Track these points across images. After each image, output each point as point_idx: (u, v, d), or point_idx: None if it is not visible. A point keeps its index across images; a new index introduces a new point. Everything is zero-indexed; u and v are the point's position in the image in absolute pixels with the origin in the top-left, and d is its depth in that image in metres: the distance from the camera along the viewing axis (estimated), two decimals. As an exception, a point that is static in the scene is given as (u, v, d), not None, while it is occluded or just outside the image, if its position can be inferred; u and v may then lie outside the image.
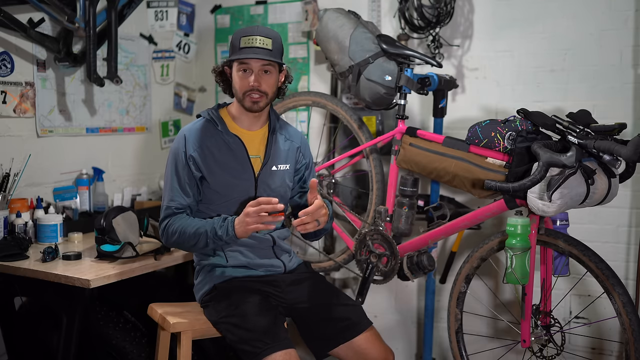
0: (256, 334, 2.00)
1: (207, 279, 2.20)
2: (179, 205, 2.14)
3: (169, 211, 2.15)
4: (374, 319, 2.71)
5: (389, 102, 2.61)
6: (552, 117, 2.21)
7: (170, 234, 2.12)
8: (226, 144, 2.17)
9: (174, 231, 2.11)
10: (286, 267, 2.26)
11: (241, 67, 2.12)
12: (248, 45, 2.09)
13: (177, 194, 2.15)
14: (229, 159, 2.16)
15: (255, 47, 2.09)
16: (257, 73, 2.11)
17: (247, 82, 2.11)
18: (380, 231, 2.56)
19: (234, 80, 2.16)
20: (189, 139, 2.16)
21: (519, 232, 2.24)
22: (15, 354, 2.65)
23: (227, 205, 2.17)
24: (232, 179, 2.16)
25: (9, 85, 2.74)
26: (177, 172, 2.16)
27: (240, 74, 2.12)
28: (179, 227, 2.10)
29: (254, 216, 1.97)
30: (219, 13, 3.64)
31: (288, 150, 2.27)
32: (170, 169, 2.17)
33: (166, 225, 2.14)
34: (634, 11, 2.69)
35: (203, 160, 2.14)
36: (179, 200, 2.14)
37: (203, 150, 2.15)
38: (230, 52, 2.15)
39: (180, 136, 2.19)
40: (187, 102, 3.72)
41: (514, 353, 2.64)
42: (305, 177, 2.34)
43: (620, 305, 2.18)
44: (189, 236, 2.09)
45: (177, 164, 2.16)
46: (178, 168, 2.16)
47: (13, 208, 2.64)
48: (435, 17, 2.88)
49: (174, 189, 2.15)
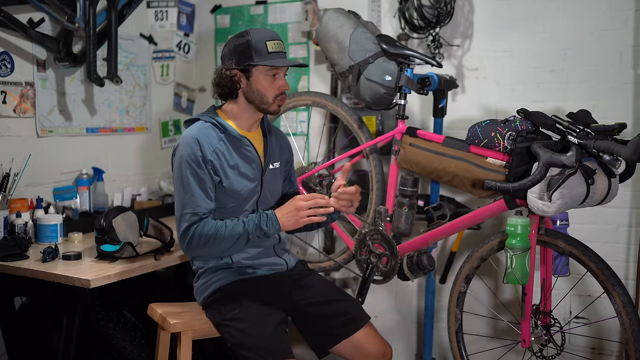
0: (258, 341, 2.02)
1: (211, 280, 2.20)
2: (205, 211, 2.08)
3: (195, 218, 2.06)
4: (374, 319, 2.70)
5: (389, 102, 2.61)
6: (552, 117, 2.21)
7: (203, 240, 2.05)
8: (235, 147, 2.17)
9: (206, 236, 2.05)
10: (288, 265, 2.30)
11: (271, 72, 2.14)
12: (277, 50, 2.13)
13: (201, 199, 2.08)
14: (240, 162, 2.17)
15: (283, 52, 2.15)
16: (283, 76, 2.18)
17: (275, 86, 2.15)
18: (380, 231, 2.56)
19: (260, 84, 2.13)
20: (203, 143, 2.09)
21: (519, 232, 2.24)
22: (15, 354, 2.65)
23: (237, 207, 2.17)
24: (245, 181, 2.17)
25: (9, 85, 2.74)
26: (197, 177, 2.08)
27: (269, 78, 2.14)
28: (210, 231, 2.05)
29: (305, 209, 2.05)
30: (219, 13, 3.64)
31: (279, 149, 2.33)
32: (186, 175, 2.08)
33: (193, 232, 2.05)
34: (634, 11, 2.69)
35: (219, 165, 2.12)
36: (204, 206, 2.08)
37: (218, 155, 2.12)
38: (254, 56, 2.10)
39: (192, 141, 2.09)
40: (187, 102, 3.72)
41: (514, 353, 2.64)
42: (291, 173, 2.42)
43: (620, 305, 2.18)
44: (224, 239, 2.05)
45: (196, 168, 2.08)
46: (198, 172, 2.08)
47: (13, 208, 2.64)
48: (435, 17, 2.88)
49: (197, 195, 2.07)
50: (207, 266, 2.22)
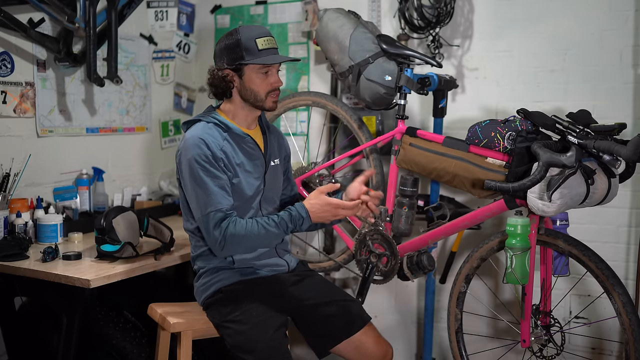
0: (258, 344, 2.02)
1: (212, 281, 2.19)
2: (227, 207, 2.04)
3: (220, 214, 2.02)
4: (374, 319, 2.70)
5: (389, 102, 2.60)
6: (552, 117, 2.21)
7: (234, 239, 2.01)
8: (239, 145, 2.17)
9: (237, 235, 2.01)
10: (289, 266, 2.29)
11: (263, 69, 2.13)
12: (267, 46, 2.12)
13: (221, 196, 2.04)
14: (244, 160, 2.17)
15: (274, 48, 2.14)
16: (275, 72, 2.17)
17: (268, 83, 2.14)
18: (380, 231, 2.56)
19: (253, 82, 2.13)
20: (210, 143, 2.07)
21: (519, 232, 2.24)
22: (15, 354, 2.65)
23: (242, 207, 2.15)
24: (251, 179, 2.17)
25: (9, 85, 2.74)
26: (212, 175, 2.05)
27: (261, 76, 2.14)
28: (242, 230, 2.02)
29: (346, 208, 2.08)
30: (219, 13, 3.64)
31: (277, 146, 2.34)
32: (199, 175, 2.04)
33: (224, 231, 2.01)
34: (634, 11, 2.69)
35: (228, 162, 2.11)
36: (225, 202, 2.04)
37: (225, 153, 2.11)
38: (244, 55, 2.10)
39: (197, 141, 2.07)
40: (187, 102, 3.72)
41: (514, 353, 2.64)
42: (289, 169, 2.43)
43: (620, 305, 2.18)
44: (257, 237, 2.03)
45: (209, 167, 2.05)
46: (211, 171, 2.05)
47: (13, 208, 2.64)
48: (435, 17, 2.88)
49: (215, 192, 2.03)
50: (209, 266, 2.21)
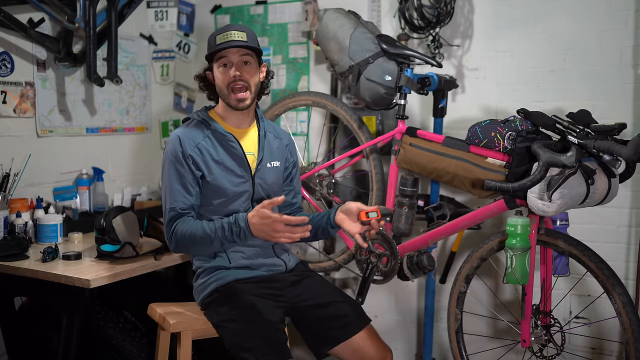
0: (255, 342, 2.01)
1: (209, 281, 2.19)
2: (183, 206, 2.13)
3: (173, 213, 2.12)
4: (374, 319, 2.71)
5: (389, 102, 2.60)
6: (552, 117, 2.21)
7: (180, 239, 2.09)
8: (221, 143, 2.19)
9: (182, 235, 2.08)
10: (287, 266, 2.28)
11: (221, 63, 2.16)
12: (224, 40, 2.14)
13: (179, 194, 2.13)
14: (225, 157, 2.18)
15: (231, 41, 2.14)
16: (237, 64, 2.16)
17: (228, 75, 2.15)
18: (380, 231, 2.56)
19: (217, 77, 2.19)
20: (184, 140, 2.16)
21: (519, 232, 2.24)
22: (15, 354, 2.65)
23: (226, 204, 2.17)
24: (230, 176, 2.17)
25: (9, 85, 2.74)
26: (177, 172, 2.14)
27: (221, 69, 2.17)
28: (188, 230, 2.08)
29: (282, 230, 1.97)
30: (219, 13, 3.64)
31: (278, 148, 2.32)
32: (168, 172, 2.16)
33: (173, 229, 2.10)
34: (634, 11, 2.69)
35: (202, 160, 2.15)
36: (182, 200, 2.13)
37: (200, 150, 2.16)
38: (207, 52, 2.20)
39: (174, 138, 2.17)
40: (187, 102, 3.72)
41: (514, 353, 2.64)
42: (292, 175, 2.39)
43: (620, 305, 2.18)
44: (199, 239, 2.07)
45: (176, 164, 2.14)
46: (177, 168, 2.14)
47: (13, 208, 2.64)
48: (435, 17, 2.88)
49: (175, 190, 2.13)
50: (206, 266, 2.21)
